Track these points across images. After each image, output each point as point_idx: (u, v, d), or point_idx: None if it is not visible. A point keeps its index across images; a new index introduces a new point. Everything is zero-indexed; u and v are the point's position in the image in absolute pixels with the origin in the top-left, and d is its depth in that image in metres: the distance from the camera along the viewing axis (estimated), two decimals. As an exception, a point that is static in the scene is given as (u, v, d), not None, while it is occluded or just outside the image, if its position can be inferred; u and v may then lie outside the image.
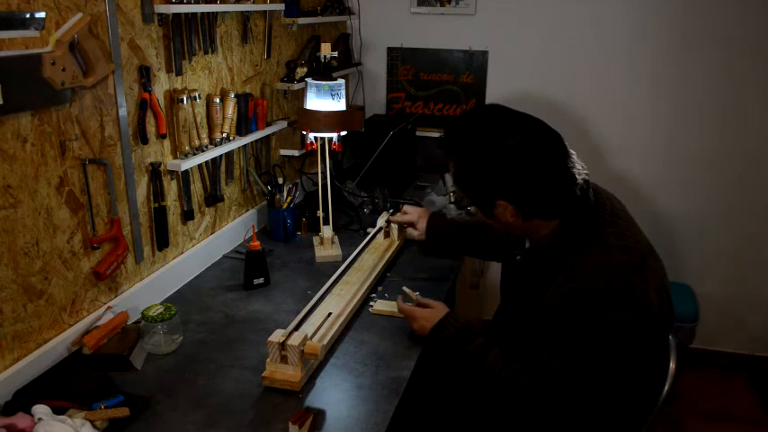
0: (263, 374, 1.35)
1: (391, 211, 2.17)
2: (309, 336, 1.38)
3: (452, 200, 2.30)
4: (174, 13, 1.65)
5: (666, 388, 1.39)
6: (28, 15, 1.22)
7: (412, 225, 1.91)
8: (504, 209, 1.31)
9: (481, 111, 1.39)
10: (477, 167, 1.31)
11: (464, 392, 1.55)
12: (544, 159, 1.28)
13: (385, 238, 2.06)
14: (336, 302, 1.65)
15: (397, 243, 2.04)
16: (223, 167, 2.01)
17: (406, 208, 1.97)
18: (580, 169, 1.31)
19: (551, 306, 1.27)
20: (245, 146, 2.10)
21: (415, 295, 1.60)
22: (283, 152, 2.38)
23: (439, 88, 3.01)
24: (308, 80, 1.98)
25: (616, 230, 1.31)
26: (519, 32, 2.82)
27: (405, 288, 1.65)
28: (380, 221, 2.07)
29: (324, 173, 2.04)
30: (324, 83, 1.94)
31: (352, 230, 2.25)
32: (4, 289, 1.27)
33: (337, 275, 1.67)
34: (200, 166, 1.88)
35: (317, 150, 2.00)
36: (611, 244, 1.27)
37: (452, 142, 1.36)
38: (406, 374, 1.41)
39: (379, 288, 1.81)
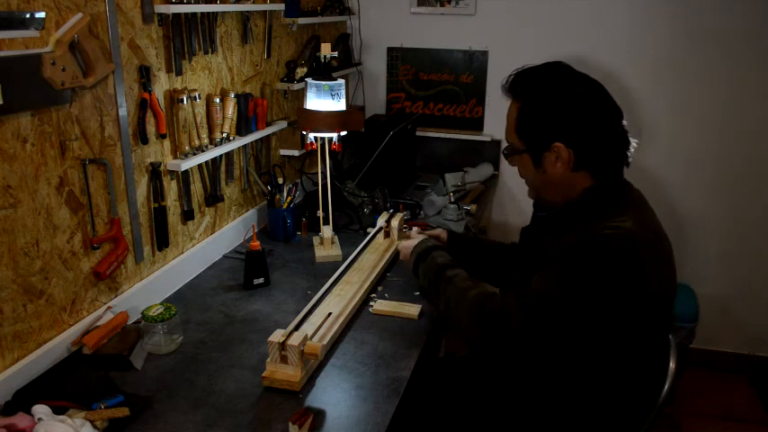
0: (263, 374, 1.35)
1: (391, 210, 2.17)
2: (309, 336, 1.38)
3: (452, 200, 2.30)
4: (173, 13, 1.65)
5: (666, 388, 1.39)
6: (28, 15, 1.22)
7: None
8: (557, 155, 1.33)
9: (547, 64, 1.43)
10: (545, 107, 1.35)
11: (465, 393, 1.55)
12: (607, 112, 1.35)
13: (385, 238, 2.05)
14: (336, 302, 1.65)
15: (396, 243, 2.03)
16: (223, 167, 2.01)
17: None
18: (631, 138, 1.38)
19: (555, 251, 1.27)
20: (245, 146, 2.10)
21: (408, 232, 1.71)
22: (283, 152, 2.38)
23: (439, 88, 3.01)
24: (308, 80, 1.98)
25: (636, 210, 1.33)
26: (519, 32, 2.82)
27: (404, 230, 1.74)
28: (380, 221, 2.06)
29: (324, 173, 2.04)
30: (324, 83, 1.94)
31: (352, 230, 2.25)
32: (4, 289, 1.27)
33: (337, 275, 1.67)
34: (200, 166, 1.88)
35: (317, 150, 2.00)
36: (629, 217, 1.28)
37: (521, 86, 1.40)
38: (406, 374, 1.41)
39: (379, 288, 1.81)
